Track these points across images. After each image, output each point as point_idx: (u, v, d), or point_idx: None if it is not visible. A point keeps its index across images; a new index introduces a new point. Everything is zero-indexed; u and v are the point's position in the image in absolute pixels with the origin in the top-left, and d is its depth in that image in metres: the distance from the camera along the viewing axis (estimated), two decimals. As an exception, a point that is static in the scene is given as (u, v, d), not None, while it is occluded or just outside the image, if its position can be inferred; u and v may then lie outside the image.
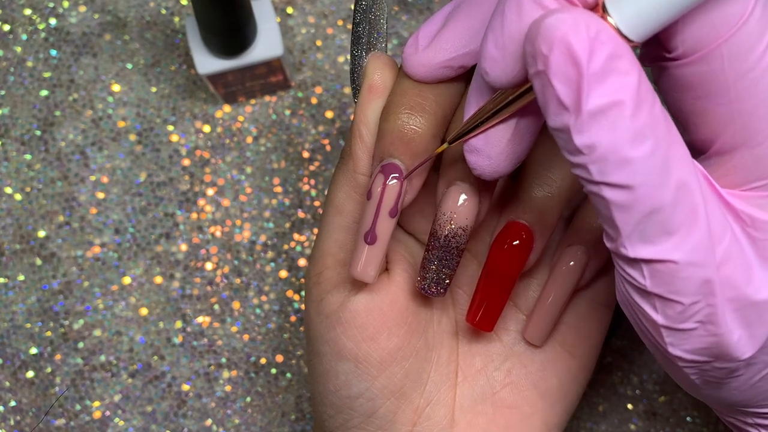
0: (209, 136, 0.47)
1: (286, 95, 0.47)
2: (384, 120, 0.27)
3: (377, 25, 0.29)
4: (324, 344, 0.30)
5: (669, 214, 0.20)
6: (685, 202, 0.20)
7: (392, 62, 0.29)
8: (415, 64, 0.26)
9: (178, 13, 0.48)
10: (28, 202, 0.46)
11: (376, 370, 0.29)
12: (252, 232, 0.46)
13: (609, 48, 0.19)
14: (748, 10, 0.21)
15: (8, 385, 0.45)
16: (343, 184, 0.29)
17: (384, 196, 0.27)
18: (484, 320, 0.30)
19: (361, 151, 0.28)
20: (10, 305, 0.45)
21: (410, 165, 0.27)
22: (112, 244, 0.46)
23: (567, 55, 0.19)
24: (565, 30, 0.19)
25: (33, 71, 0.47)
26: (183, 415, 0.44)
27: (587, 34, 0.19)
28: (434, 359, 0.31)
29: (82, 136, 0.47)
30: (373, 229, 0.27)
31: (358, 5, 0.29)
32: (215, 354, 0.45)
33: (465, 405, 0.32)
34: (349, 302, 0.29)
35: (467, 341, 0.33)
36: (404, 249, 0.31)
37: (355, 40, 0.29)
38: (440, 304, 0.32)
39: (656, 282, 0.21)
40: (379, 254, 0.28)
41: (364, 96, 0.28)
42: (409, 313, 0.30)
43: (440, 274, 0.29)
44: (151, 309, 0.45)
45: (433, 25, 0.26)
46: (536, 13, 0.21)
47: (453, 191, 0.28)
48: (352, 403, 0.30)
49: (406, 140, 0.27)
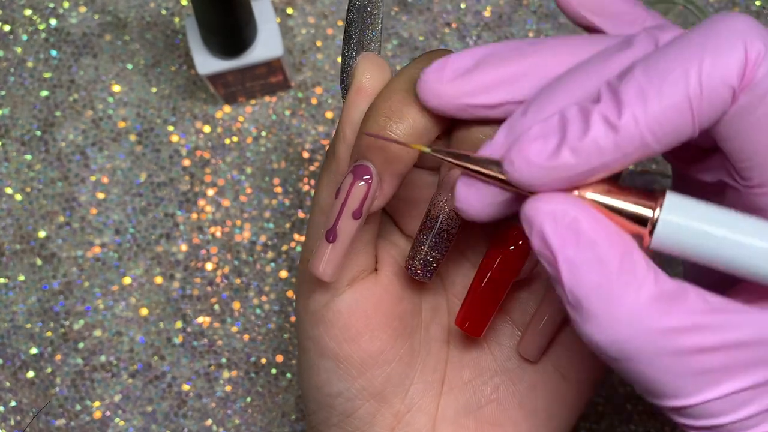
0: (209, 137, 0.47)
1: (286, 95, 0.47)
2: (364, 121, 0.27)
3: (371, 25, 0.29)
4: (308, 340, 0.30)
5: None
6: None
7: (383, 64, 0.28)
8: (430, 94, 0.25)
9: (178, 13, 0.48)
10: (28, 203, 0.46)
11: (356, 371, 0.29)
12: (252, 233, 0.46)
13: (584, 238, 0.22)
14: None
15: (8, 385, 0.45)
16: (326, 184, 0.29)
17: (349, 197, 0.26)
18: (473, 325, 0.30)
19: (344, 152, 0.28)
20: (10, 305, 0.45)
21: (382, 170, 0.26)
22: (113, 245, 0.46)
23: (543, 243, 0.22)
24: (540, 219, 0.22)
25: (33, 71, 0.47)
26: (183, 415, 0.44)
27: (563, 222, 0.22)
28: (419, 366, 0.31)
29: (82, 137, 0.47)
30: (334, 227, 0.27)
31: (351, 4, 0.29)
32: (215, 354, 0.45)
33: (447, 416, 0.31)
34: (333, 302, 0.29)
35: (458, 351, 0.32)
36: (396, 252, 0.31)
37: (346, 39, 0.29)
38: (431, 311, 0.32)
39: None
40: (339, 254, 0.27)
41: (351, 97, 0.28)
42: (395, 317, 0.30)
43: (428, 257, 0.28)
44: (151, 309, 0.45)
45: (465, 60, 0.25)
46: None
47: (453, 174, 0.27)
48: (332, 401, 0.30)
49: (380, 144, 0.26)
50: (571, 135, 0.22)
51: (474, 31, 0.48)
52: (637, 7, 0.27)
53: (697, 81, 0.21)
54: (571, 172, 0.22)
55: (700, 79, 0.21)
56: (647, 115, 0.21)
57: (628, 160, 0.22)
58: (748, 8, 0.48)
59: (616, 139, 0.21)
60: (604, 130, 0.21)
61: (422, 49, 0.48)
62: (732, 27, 0.21)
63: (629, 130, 0.21)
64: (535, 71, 0.25)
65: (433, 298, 0.32)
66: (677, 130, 0.21)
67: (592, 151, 0.22)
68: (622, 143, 0.21)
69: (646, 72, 0.21)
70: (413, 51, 0.48)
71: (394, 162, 0.26)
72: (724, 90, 0.21)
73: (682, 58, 0.21)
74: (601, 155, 0.22)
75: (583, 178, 0.22)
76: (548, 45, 0.25)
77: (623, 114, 0.21)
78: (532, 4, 0.48)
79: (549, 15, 0.48)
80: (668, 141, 0.22)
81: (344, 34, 0.29)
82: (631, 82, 0.21)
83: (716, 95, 0.21)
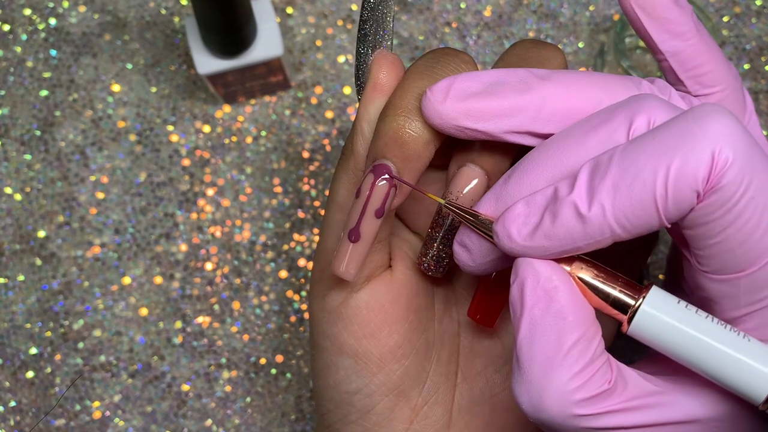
0: (209, 136, 0.47)
1: (286, 95, 0.47)
2: (381, 120, 0.27)
3: (383, 23, 0.29)
4: (325, 339, 0.30)
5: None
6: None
7: (398, 61, 0.29)
8: (432, 113, 0.26)
9: (178, 13, 0.48)
10: (28, 202, 0.46)
11: (375, 367, 0.30)
12: (252, 232, 0.46)
13: (555, 307, 0.24)
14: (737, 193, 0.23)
15: (8, 385, 0.45)
16: (344, 181, 0.29)
17: (371, 196, 0.27)
18: (484, 316, 0.30)
19: (362, 148, 0.29)
20: (10, 305, 0.45)
21: (402, 168, 0.27)
22: (112, 244, 0.46)
23: (518, 294, 0.24)
24: (526, 274, 0.24)
25: (33, 71, 0.47)
26: (183, 415, 0.44)
27: (544, 285, 0.24)
28: (434, 358, 0.31)
29: (82, 136, 0.47)
30: (357, 227, 0.27)
31: (366, 2, 0.29)
32: (215, 354, 0.45)
33: (463, 406, 0.32)
34: (351, 299, 0.29)
35: (469, 342, 0.33)
36: (408, 248, 0.31)
37: (361, 38, 0.29)
38: (443, 304, 0.32)
39: None
40: (362, 253, 0.28)
41: (368, 93, 0.28)
42: (411, 311, 0.30)
43: (441, 253, 0.29)
44: (151, 309, 0.45)
45: (472, 83, 0.26)
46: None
47: (463, 172, 0.28)
48: (350, 399, 0.30)
49: (400, 143, 0.27)
50: (545, 221, 0.24)
51: (474, 30, 0.48)
52: (688, 22, 0.28)
53: (664, 183, 0.22)
54: (548, 252, 0.24)
55: (667, 181, 0.22)
56: (615, 209, 0.23)
57: (601, 244, 0.24)
58: (748, 8, 0.48)
59: (585, 228, 0.23)
60: (573, 221, 0.23)
61: (422, 49, 0.48)
62: (707, 131, 0.22)
63: (597, 221, 0.23)
64: (537, 105, 0.26)
65: (444, 290, 0.33)
66: (645, 223, 0.23)
67: (563, 237, 0.24)
68: (590, 232, 0.23)
69: (621, 165, 0.23)
70: (413, 50, 0.48)
71: (413, 160, 0.27)
72: (689, 193, 0.22)
73: (656, 155, 0.22)
74: (573, 241, 0.24)
75: (562, 254, 0.24)
76: (552, 80, 0.26)
77: (593, 206, 0.23)
78: (533, 3, 0.48)
79: (549, 15, 0.48)
80: (636, 231, 0.23)
81: (358, 33, 0.29)
82: (607, 175, 0.23)
83: (682, 197, 0.22)
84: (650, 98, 0.24)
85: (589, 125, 0.25)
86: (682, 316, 0.24)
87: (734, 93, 0.29)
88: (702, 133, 0.22)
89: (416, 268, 0.31)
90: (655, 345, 0.25)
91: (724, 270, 0.24)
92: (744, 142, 0.22)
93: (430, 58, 0.28)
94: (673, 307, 0.24)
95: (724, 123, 0.22)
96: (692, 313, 0.24)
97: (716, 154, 0.22)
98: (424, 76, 0.27)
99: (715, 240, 0.23)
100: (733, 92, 0.29)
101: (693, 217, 0.23)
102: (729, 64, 0.29)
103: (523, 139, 0.26)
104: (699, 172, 0.22)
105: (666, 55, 0.29)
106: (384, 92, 0.28)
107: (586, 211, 0.23)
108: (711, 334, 0.24)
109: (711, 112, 0.23)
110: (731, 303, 0.25)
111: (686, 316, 0.24)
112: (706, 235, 0.23)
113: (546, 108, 0.26)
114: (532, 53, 0.29)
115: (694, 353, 0.24)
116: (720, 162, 0.22)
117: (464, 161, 0.28)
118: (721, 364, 0.24)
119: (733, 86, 0.29)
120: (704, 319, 0.24)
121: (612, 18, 0.48)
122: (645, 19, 0.28)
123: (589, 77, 0.26)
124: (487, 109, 0.26)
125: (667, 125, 0.23)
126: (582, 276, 0.25)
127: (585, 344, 0.24)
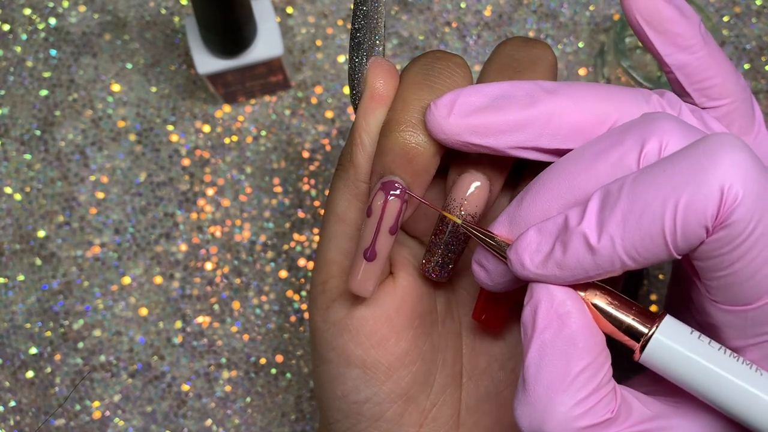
0: (209, 136, 0.47)
1: (286, 95, 0.47)
2: (385, 136, 0.27)
3: (376, 30, 0.29)
4: (331, 351, 0.30)
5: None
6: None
7: (393, 69, 0.28)
8: (436, 129, 0.26)
9: (178, 13, 0.48)
10: (27, 202, 0.46)
11: (384, 376, 0.29)
12: (252, 232, 0.46)
13: (566, 332, 0.24)
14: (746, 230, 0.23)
15: (8, 385, 0.45)
16: (344, 192, 0.29)
17: (385, 214, 0.27)
18: (489, 318, 0.30)
19: (362, 159, 0.28)
20: (10, 305, 0.45)
21: (411, 182, 0.27)
22: (112, 244, 0.46)
23: (531, 316, 0.24)
24: (541, 296, 0.24)
25: (33, 71, 0.47)
26: (183, 415, 0.44)
27: (558, 309, 0.24)
28: (440, 361, 0.31)
29: (81, 136, 0.47)
30: (373, 246, 0.27)
31: (358, 10, 0.28)
32: (215, 354, 0.45)
33: (470, 405, 0.32)
34: (357, 310, 0.29)
35: (471, 342, 0.33)
36: (408, 253, 0.31)
37: (355, 47, 0.29)
38: (444, 305, 0.32)
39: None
40: (378, 270, 0.28)
41: (366, 103, 0.28)
42: (416, 317, 0.30)
43: (445, 258, 0.29)
44: (151, 309, 0.45)
45: (476, 97, 0.26)
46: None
47: (464, 178, 0.28)
48: (359, 408, 0.30)
49: (408, 158, 0.26)
50: (556, 251, 0.24)
51: (474, 30, 0.48)
52: (696, 35, 0.28)
53: (672, 217, 0.22)
54: (560, 280, 0.24)
55: (675, 215, 0.22)
56: (624, 241, 0.23)
57: (612, 273, 0.24)
58: (748, 8, 0.48)
59: (595, 259, 0.23)
60: (583, 251, 0.23)
61: (422, 49, 0.48)
62: (717, 165, 0.22)
63: (607, 252, 0.23)
64: (543, 121, 0.25)
65: (445, 292, 0.33)
66: (654, 255, 0.23)
67: (574, 267, 0.24)
68: (600, 263, 0.23)
69: (630, 196, 0.23)
70: (413, 50, 0.48)
71: (422, 174, 0.27)
72: (698, 228, 0.22)
73: (665, 188, 0.22)
74: (585, 271, 0.24)
75: (575, 282, 0.24)
76: (559, 94, 0.25)
77: (602, 238, 0.23)
78: (533, 3, 0.48)
79: (549, 15, 0.48)
80: (646, 263, 0.23)
81: (351, 41, 0.29)
82: (617, 206, 0.23)
83: (690, 232, 0.22)
84: (662, 120, 0.24)
85: (600, 147, 0.24)
86: (694, 346, 0.24)
87: (742, 105, 0.29)
88: (712, 167, 0.22)
89: (417, 272, 0.31)
90: (667, 374, 0.25)
91: (732, 301, 0.24)
92: (755, 177, 0.22)
93: (424, 65, 0.27)
94: (686, 337, 0.24)
95: (736, 157, 0.22)
96: (705, 344, 0.24)
97: (726, 190, 0.22)
98: (423, 86, 0.27)
99: (724, 273, 0.23)
100: (741, 104, 0.29)
101: (702, 250, 0.23)
102: (738, 75, 0.29)
103: (529, 154, 0.26)
104: (708, 208, 0.22)
105: (672, 68, 0.28)
106: (382, 102, 0.28)
107: (596, 242, 0.23)
108: (723, 365, 0.24)
109: (723, 144, 0.22)
110: (737, 333, 0.25)
111: (699, 347, 0.24)
112: (714, 267, 0.23)
113: (552, 123, 0.25)
114: (523, 52, 0.28)
115: (706, 384, 0.24)
116: (729, 198, 0.22)
117: (464, 168, 0.28)
118: (733, 396, 0.24)
119: (742, 98, 0.29)
120: (716, 350, 0.24)
121: (612, 18, 0.48)
122: (651, 33, 0.28)
123: (596, 90, 0.26)
124: (492, 125, 0.25)
125: (678, 157, 0.23)
126: (596, 302, 0.25)
127: (593, 371, 0.24)
